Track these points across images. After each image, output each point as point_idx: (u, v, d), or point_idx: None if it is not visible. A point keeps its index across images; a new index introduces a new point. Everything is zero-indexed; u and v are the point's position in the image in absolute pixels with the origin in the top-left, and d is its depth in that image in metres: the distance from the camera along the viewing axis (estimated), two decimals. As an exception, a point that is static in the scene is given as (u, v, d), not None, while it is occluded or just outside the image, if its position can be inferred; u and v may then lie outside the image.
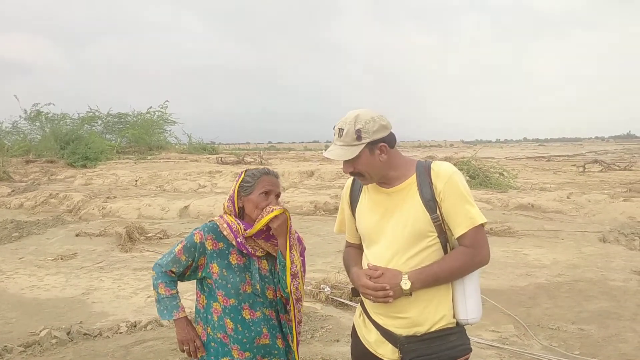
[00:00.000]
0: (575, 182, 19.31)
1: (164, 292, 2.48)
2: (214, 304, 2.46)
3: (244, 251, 2.45)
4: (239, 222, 2.47)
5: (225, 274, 2.43)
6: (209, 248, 2.44)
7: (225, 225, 2.46)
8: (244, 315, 2.43)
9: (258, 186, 2.47)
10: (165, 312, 2.49)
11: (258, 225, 2.42)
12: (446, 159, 19.71)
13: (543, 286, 6.60)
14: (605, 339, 4.89)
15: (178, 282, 2.55)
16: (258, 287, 2.47)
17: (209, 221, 2.56)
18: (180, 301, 2.53)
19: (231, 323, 2.43)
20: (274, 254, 2.50)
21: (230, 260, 2.45)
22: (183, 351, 2.52)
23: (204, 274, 2.47)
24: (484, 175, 17.38)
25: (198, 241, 2.45)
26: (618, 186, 16.98)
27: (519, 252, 8.52)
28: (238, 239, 2.43)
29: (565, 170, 25.08)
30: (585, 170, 24.07)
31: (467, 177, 17.22)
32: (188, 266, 2.48)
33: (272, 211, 2.40)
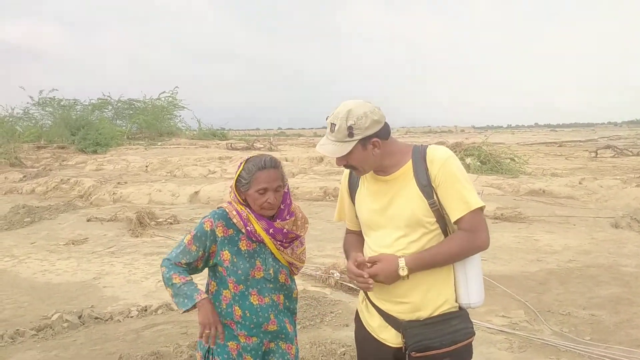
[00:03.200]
0: (588, 167, 19.12)
1: (179, 281, 2.34)
2: (224, 291, 2.44)
3: (254, 239, 2.43)
4: (249, 210, 2.43)
5: (235, 260, 2.41)
6: (219, 235, 2.40)
7: (234, 213, 2.42)
8: (252, 300, 2.41)
9: (253, 184, 2.37)
10: (185, 300, 2.32)
11: None
12: (457, 144, 19.56)
13: (554, 272, 6.56)
14: (617, 325, 4.86)
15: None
16: (271, 272, 2.46)
17: (217, 208, 2.51)
18: (197, 285, 2.41)
19: (239, 310, 2.41)
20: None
21: (240, 246, 2.42)
22: (202, 336, 2.35)
23: (215, 261, 2.44)
24: (495, 161, 17.27)
25: (209, 229, 2.40)
26: (631, 172, 16.80)
27: (530, 237, 8.46)
28: (248, 228, 2.40)
29: (577, 156, 24.83)
30: (598, 155, 23.81)
31: (478, 163, 17.11)
32: (199, 257, 2.41)
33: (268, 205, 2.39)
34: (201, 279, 2.52)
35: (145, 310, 5.48)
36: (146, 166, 20.15)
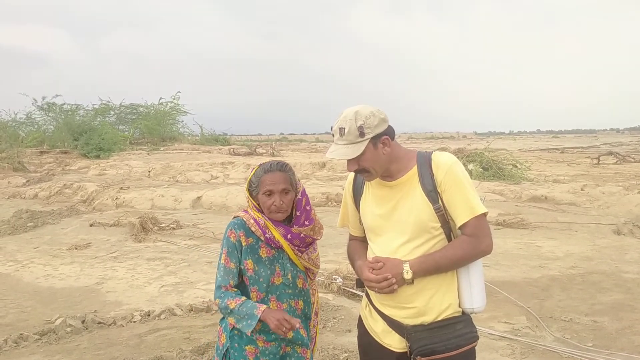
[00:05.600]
0: (590, 174, 19.13)
1: (234, 305, 2.35)
2: None
3: (273, 245, 2.45)
4: (266, 218, 2.45)
5: (257, 268, 2.43)
6: (243, 244, 2.43)
7: (252, 222, 2.44)
8: (270, 307, 2.42)
9: (261, 186, 2.42)
10: (249, 321, 2.32)
11: None
12: (459, 150, 19.59)
13: (556, 278, 6.57)
14: (619, 331, 4.86)
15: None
16: (289, 277, 2.48)
17: (234, 217, 2.53)
18: (254, 302, 2.40)
19: None
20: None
21: (260, 254, 2.45)
22: (284, 333, 2.30)
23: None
24: (497, 167, 17.29)
25: (235, 240, 2.43)
26: (633, 178, 16.80)
27: (532, 244, 8.47)
28: (266, 235, 2.42)
29: (579, 162, 24.85)
30: (600, 162, 23.82)
31: (480, 169, 17.13)
32: (239, 273, 2.43)
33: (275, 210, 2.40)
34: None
35: (148, 315, 5.49)
36: (149, 171, 20.21)
